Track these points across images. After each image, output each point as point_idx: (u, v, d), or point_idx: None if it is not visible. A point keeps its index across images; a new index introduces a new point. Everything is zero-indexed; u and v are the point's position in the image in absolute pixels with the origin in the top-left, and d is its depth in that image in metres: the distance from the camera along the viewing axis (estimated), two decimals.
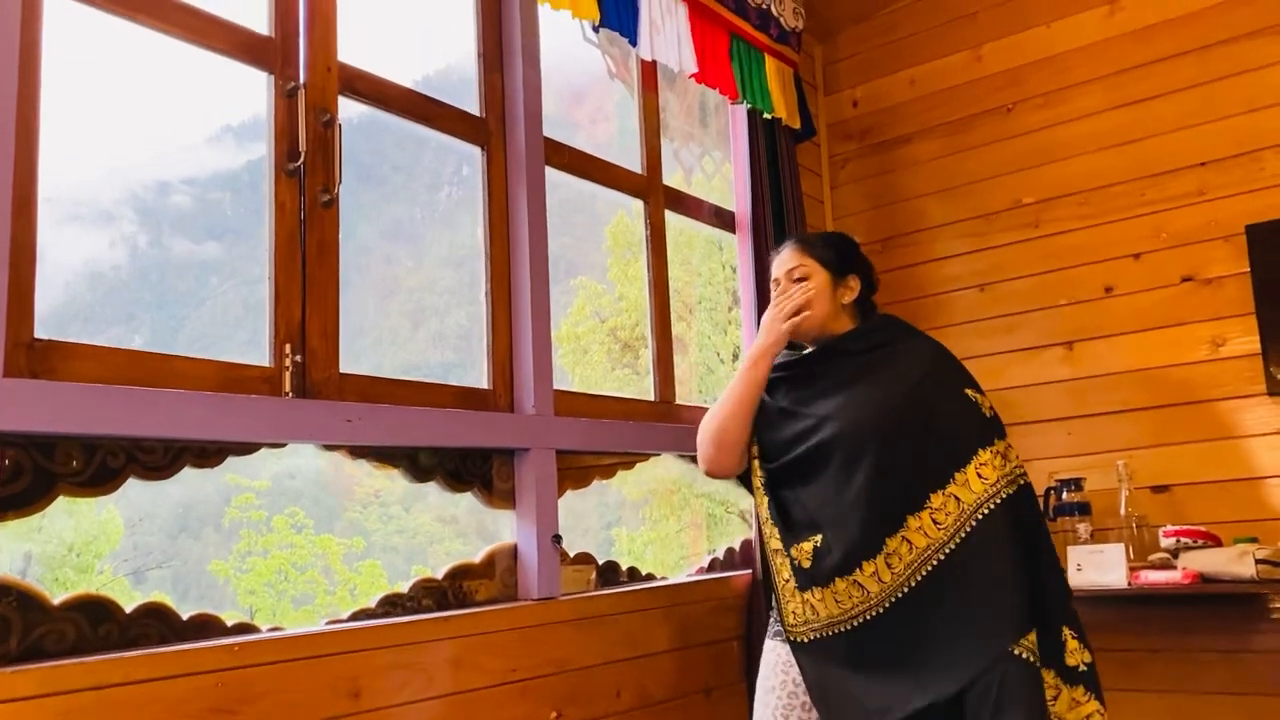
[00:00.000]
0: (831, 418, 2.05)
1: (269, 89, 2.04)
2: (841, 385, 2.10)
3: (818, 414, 2.08)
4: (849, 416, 2.03)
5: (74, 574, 4.51)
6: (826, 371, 2.14)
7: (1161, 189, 3.14)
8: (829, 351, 2.17)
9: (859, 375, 2.10)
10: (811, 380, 2.15)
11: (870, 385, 2.07)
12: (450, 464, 2.28)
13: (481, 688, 2.11)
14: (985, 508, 1.95)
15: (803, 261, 2.19)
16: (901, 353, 2.13)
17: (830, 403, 2.07)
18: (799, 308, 2.13)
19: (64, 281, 2.64)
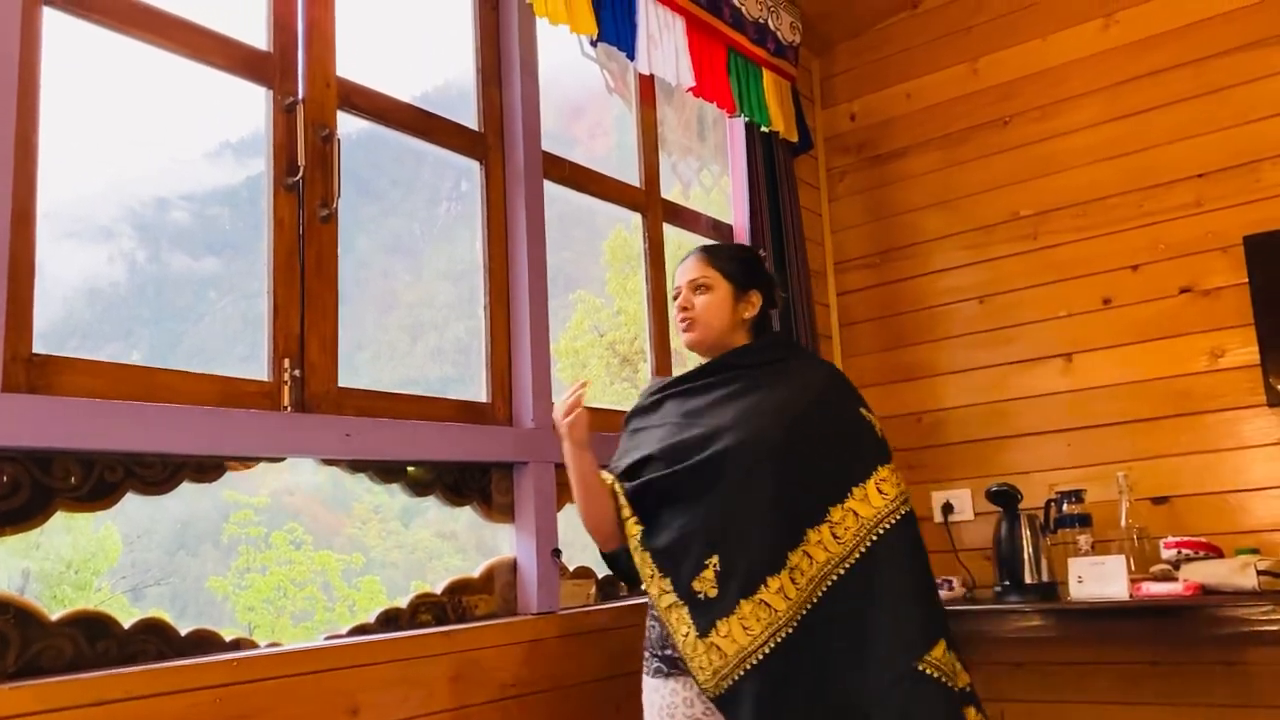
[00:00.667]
0: (728, 429, 1.96)
1: (268, 104, 2.05)
2: (736, 397, 2.03)
3: (712, 425, 1.98)
4: (747, 427, 1.95)
5: (72, 591, 4.50)
6: (720, 384, 2.08)
7: (1159, 200, 3.14)
8: (723, 364, 2.10)
9: (754, 388, 2.04)
10: (706, 391, 2.08)
11: (766, 398, 2.01)
12: (449, 478, 2.28)
13: (481, 703, 2.10)
14: (886, 523, 1.93)
15: (706, 273, 2.11)
16: (795, 369, 2.10)
17: (725, 414, 2.00)
18: (570, 407, 2.00)
19: (62, 297, 2.64)
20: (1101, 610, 2.68)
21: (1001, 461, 3.33)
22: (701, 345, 2.12)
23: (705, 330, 2.10)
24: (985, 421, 3.39)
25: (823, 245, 3.78)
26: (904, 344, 3.59)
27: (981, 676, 3.26)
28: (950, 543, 3.36)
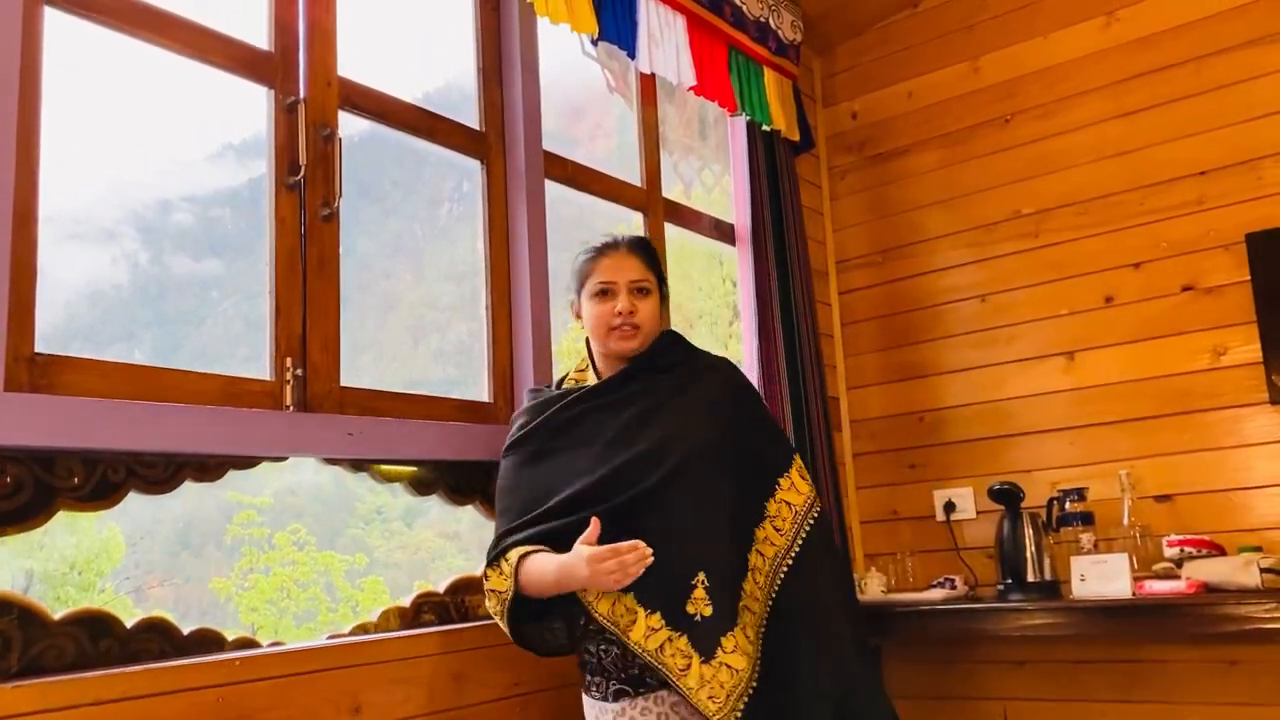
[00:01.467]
0: (673, 440, 1.86)
1: (269, 103, 2.05)
2: (666, 405, 1.92)
3: (656, 438, 1.87)
4: (691, 437, 1.87)
5: (76, 592, 4.50)
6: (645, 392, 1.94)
7: (1160, 198, 3.14)
8: (642, 370, 1.96)
9: (678, 392, 1.94)
10: (633, 402, 1.93)
11: (694, 402, 1.93)
12: (451, 478, 2.28)
13: (484, 702, 2.10)
14: (814, 511, 1.94)
15: (646, 276, 1.96)
16: (705, 368, 2.01)
17: (664, 424, 1.89)
18: (632, 563, 1.67)
19: (65, 300, 2.64)
20: (1104, 608, 2.68)
21: (1004, 460, 3.32)
22: (635, 353, 1.96)
23: (644, 339, 1.95)
24: (987, 420, 3.39)
25: (824, 244, 3.78)
26: (905, 343, 3.59)
27: (984, 675, 3.27)
28: (952, 541, 3.36)
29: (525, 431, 1.98)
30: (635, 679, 1.79)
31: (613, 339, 1.93)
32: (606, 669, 1.82)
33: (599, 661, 1.83)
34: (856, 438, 3.67)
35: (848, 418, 3.68)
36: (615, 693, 1.81)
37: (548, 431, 1.95)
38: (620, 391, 1.95)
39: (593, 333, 1.97)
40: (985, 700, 3.27)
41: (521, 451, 1.97)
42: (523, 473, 1.94)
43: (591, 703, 1.85)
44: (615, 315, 1.91)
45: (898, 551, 3.40)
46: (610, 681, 1.81)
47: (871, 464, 3.62)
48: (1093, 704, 3.09)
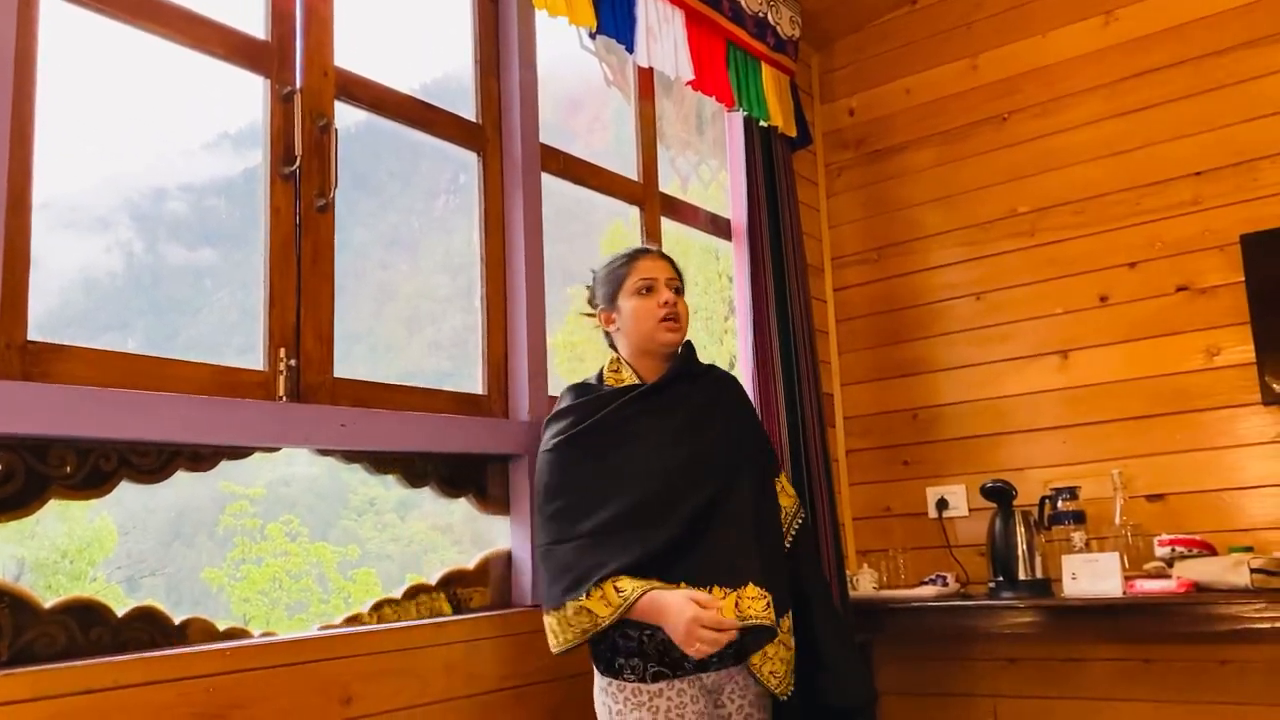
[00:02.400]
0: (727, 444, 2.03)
1: (265, 93, 2.04)
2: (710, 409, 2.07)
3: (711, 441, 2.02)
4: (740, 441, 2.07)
5: (67, 580, 4.49)
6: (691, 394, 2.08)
7: (1156, 198, 3.14)
8: (685, 374, 2.10)
9: (713, 398, 2.10)
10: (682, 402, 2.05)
11: (726, 408, 2.11)
12: (445, 470, 2.28)
13: (475, 694, 2.10)
14: (800, 514, 2.18)
15: (677, 277, 2.11)
16: (722, 379, 2.18)
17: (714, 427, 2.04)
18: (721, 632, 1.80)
19: (59, 288, 2.63)
20: (1095, 607, 2.69)
21: (997, 458, 3.33)
22: (676, 346, 2.09)
23: (684, 333, 2.09)
24: (981, 418, 3.39)
25: (820, 240, 3.78)
26: (900, 340, 3.59)
27: (974, 672, 3.28)
28: (945, 538, 3.37)
29: (579, 429, 2.01)
30: (674, 662, 1.88)
31: (660, 330, 2.04)
32: (647, 652, 1.88)
33: (640, 645, 1.88)
34: (850, 434, 3.67)
35: (841, 414, 3.69)
36: (654, 674, 1.88)
37: (602, 429, 2.01)
38: (670, 393, 2.06)
39: (637, 327, 2.06)
40: (976, 697, 3.28)
41: (574, 449, 2.00)
42: (578, 470, 1.98)
43: (621, 684, 1.90)
44: (661, 306, 2.04)
45: (890, 548, 3.40)
46: (649, 664, 1.88)
47: (864, 460, 3.63)
48: (1083, 702, 3.10)
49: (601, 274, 2.15)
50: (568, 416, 2.05)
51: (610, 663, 1.92)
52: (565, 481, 1.98)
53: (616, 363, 2.12)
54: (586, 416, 2.02)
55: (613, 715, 1.91)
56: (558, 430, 2.04)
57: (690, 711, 1.88)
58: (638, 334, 2.06)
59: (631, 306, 2.06)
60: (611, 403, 2.03)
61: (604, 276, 2.13)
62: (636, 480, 1.94)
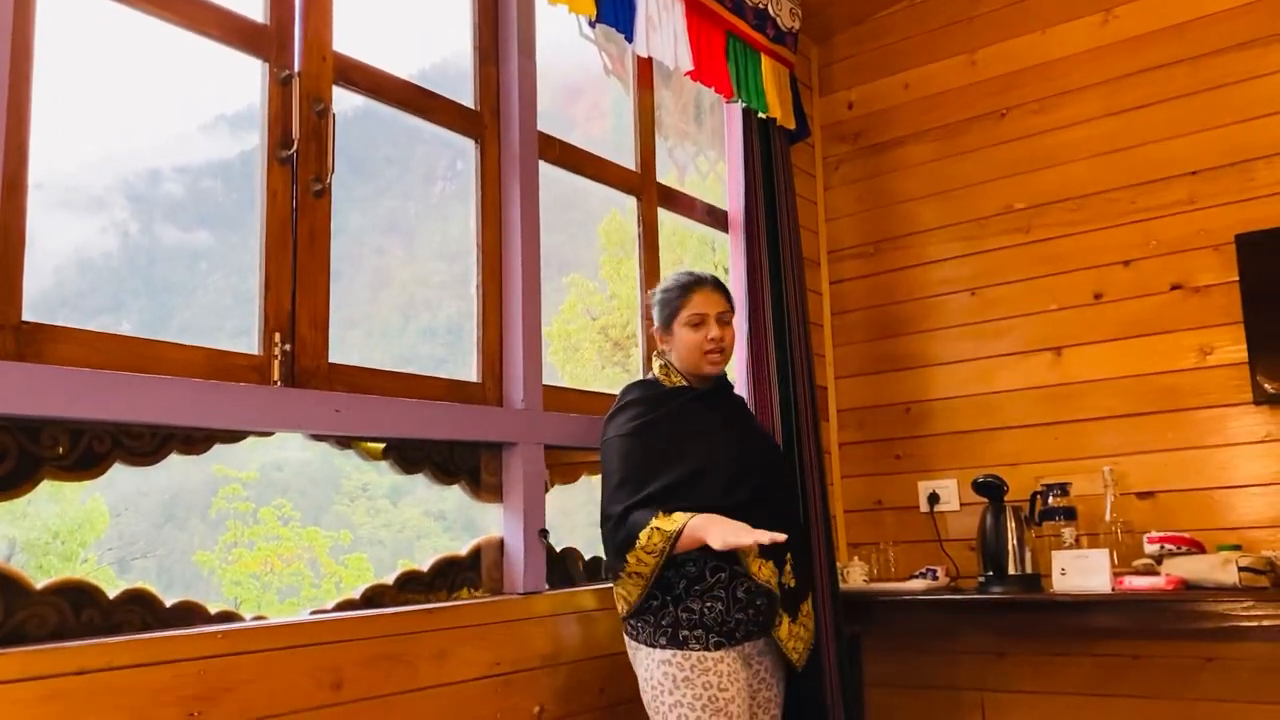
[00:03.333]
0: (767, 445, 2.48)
1: (263, 77, 2.04)
2: (748, 417, 2.52)
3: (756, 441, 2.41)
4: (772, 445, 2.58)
5: (58, 561, 4.49)
6: (735, 404, 2.48)
7: (1152, 197, 3.15)
8: (728, 386, 2.47)
9: (746, 411, 2.53)
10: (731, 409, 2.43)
11: (750, 416, 2.54)
12: (438, 456, 2.28)
13: (465, 680, 2.11)
14: None
15: (728, 308, 2.38)
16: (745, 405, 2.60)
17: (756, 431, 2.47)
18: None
19: (53, 267, 2.63)
20: (1084, 603, 2.70)
21: (989, 453, 3.34)
22: (718, 374, 2.38)
23: (727, 361, 2.37)
24: (973, 413, 3.40)
25: (817, 233, 3.78)
26: (895, 334, 3.60)
27: (963, 666, 3.30)
28: (935, 532, 3.38)
29: (650, 418, 2.28)
30: (729, 632, 2.15)
31: (706, 362, 2.33)
32: (708, 624, 2.14)
33: (700, 618, 2.14)
34: (843, 427, 3.68)
35: (835, 407, 3.70)
36: (715, 643, 2.13)
37: (670, 420, 2.29)
38: (720, 400, 2.41)
39: (686, 355, 2.35)
40: (964, 690, 3.30)
41: (645, 435, 2.26)
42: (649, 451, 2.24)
43: (686, 654, 2.12)
44: (709, 341, 2.32)
45: (880, 541, 3.42)
46: (710, 634, 2.14)
47: (857, 453, 3.64)
48: (1070, 696, 3.12)
49: (659, 298, 2.40)
50: (637, 407, 2.32)
51: (674, 636, 2.13)
52: (639, 460, 2.22)
53: (667, 369, 2.39)
54: (655, 407, 2.30)
55: (678, 683, 2.11)
56: (630, 418, 2.30)
57: (742, 675, 2.16)
58: (687, 361, 2.35)
59: (683, 337, 2.34)
60: (677, 398, 2.33)
61: (661, 300, 2.39)
62: (702, 459, 2.22)
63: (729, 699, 2.10)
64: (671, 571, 2.15)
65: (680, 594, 2.16)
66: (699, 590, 2.16)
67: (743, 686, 2.14)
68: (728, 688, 2.10)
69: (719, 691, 2.10)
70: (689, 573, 2.16)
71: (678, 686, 2.10)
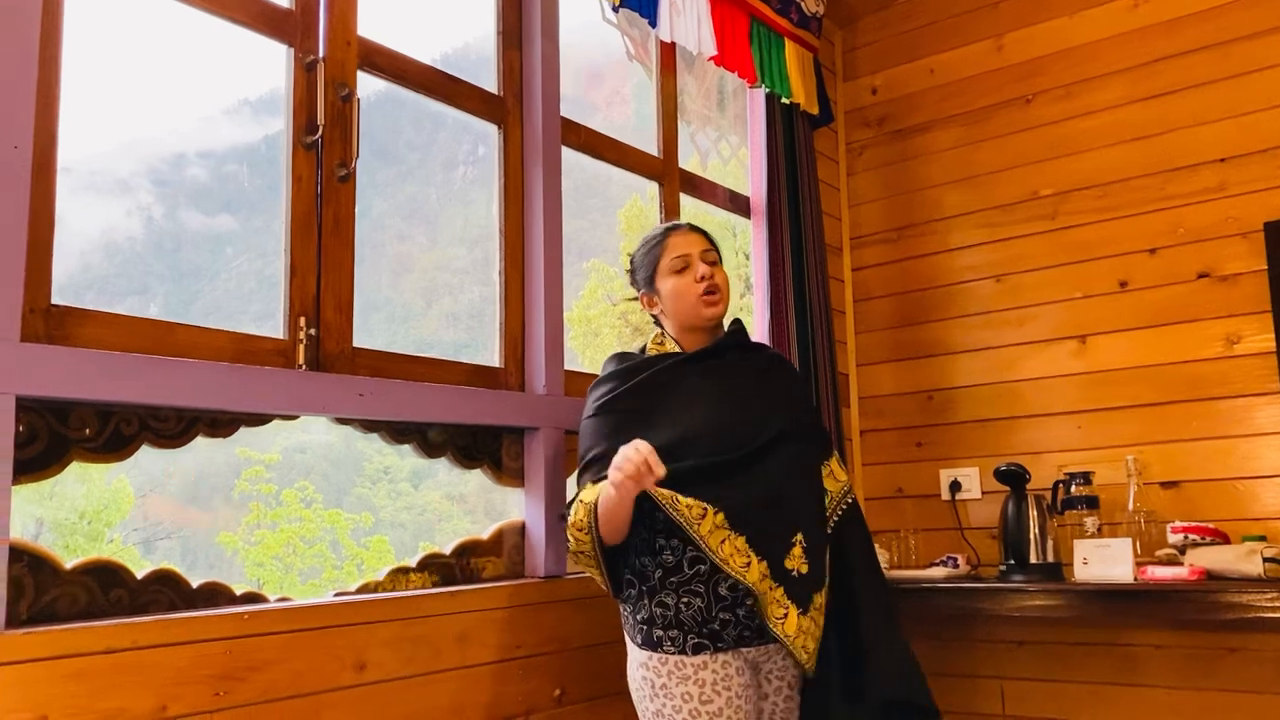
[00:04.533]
0: (774, 410, 2.02)
1: (288, 61, 2.04)
2: (760, 377, 2.08)
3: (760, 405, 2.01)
4: (786, 409, 2.04)
5: (85, 541, 4.55)
6: (741, 361, 2.09)
7: (1180, 184, 3.12)
8: (736, 343, 2.11)
9: (763, 369, 2.11)
10: (732, 369, 2.06)
11: (776, 380, 2.11)
12: (461, 441, 2.29)
13: (487, 663, 2.12)
14: (848, 497, 2.12)
15: (712, 248, 2.10)
16: (776, 358, 2.20)
17: (764, 394, 2.04)
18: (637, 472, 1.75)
19: (80, 250, 2.65)
20: (1105, 592, 2.69)
21: (1011, 441, 3.33)
22: (720, 319, 2.08)
23: (726, 304, 2.08)
24: (996, 401, 3.39)
25: (840, 219, 3.76)
26: (917, 321, 3.58)
27: (982, 654, 3.29)
28: (957, 520, 3.37)
29: (619, 392, 2.03)
30: (714, 633, 1.87)
31: (701, 306, 2.04)
32: (684, 622, 1.87)
33: (676, 615, 1.88)
34: (864, 414, 3.67)
35: (856, 394, 3.69)
36: (694, 646, 1.87)
37: (643, 390, 2.01)
38: (718, 359, 2.06)
39: (679, 304, 2.06)
40: (983, 679, 3.30)
41: (613, 411, 2.00)
42: (616, 427, 1.96)
43: (663, 657, 1.88)
44: (698, 281, 2.03)
45: (901, 529, 3.41)
46: (688, 635, 1.87)
47: (878, 441, 3.63)
48: (1090, 686, 3.11)
49: (637, 257, 2.15)
50: (609, 382, 2.07)
51: (649, 635, 1.91)
52: (602, 439, 1.98)
53: (661, 336, 2.13)
54: (624, 382, 2.04)
55: (656, 690, 1.88)
56: (598, 395, 2.06)
57: (736, 683, 1.88)
58: (680, 313, 2.07)
59: (670, 286, 2.07)
60: (653, 365, 2.05)
61: (640, 259, 2.13)
62: (678, 431, 1.93)
63: (714, 712, 1.83)
64: (648, 558, 1.92)
65: (655, 585, 1.91)
66: (674, 583, 1.88)
67: (735, 696, 1.86)
68: (712, 699, 1.84)
69: (700, 704, 1.84)
70: (665, 561, 1.90)
71: (656, 694, 1.87)
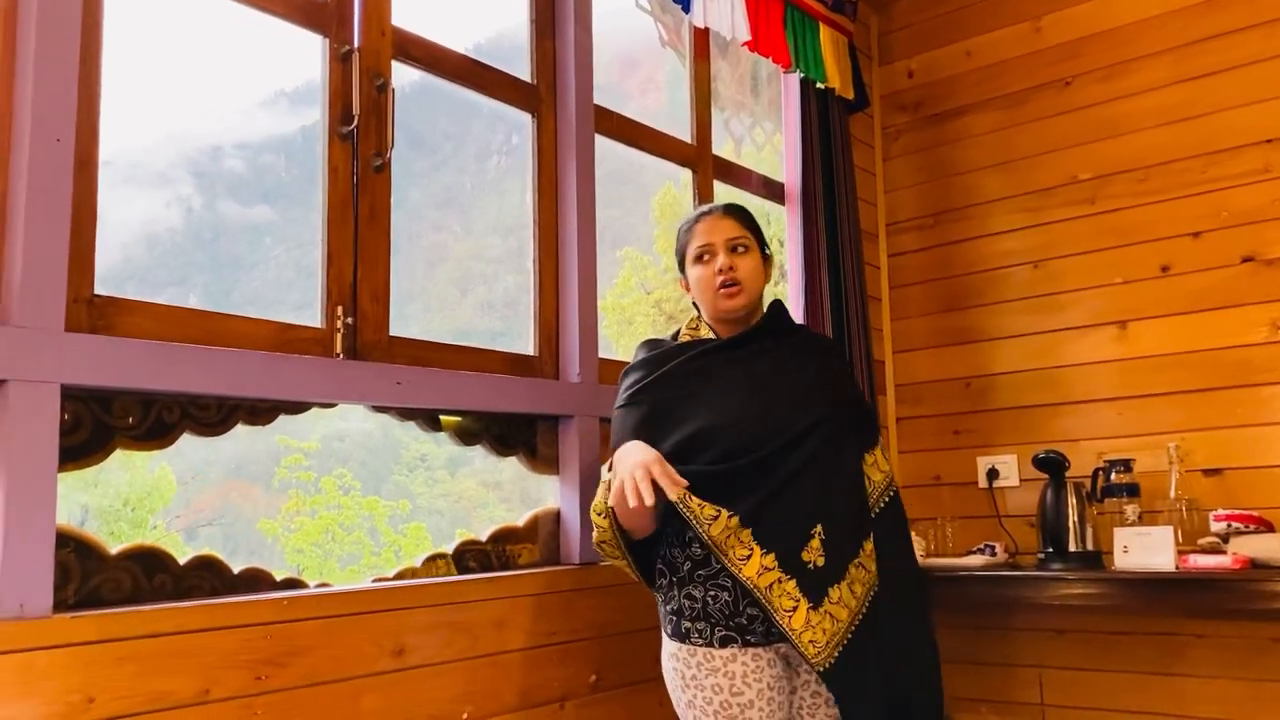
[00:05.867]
0: (806, 400, 1.95)
1: (323, 52, 2.06)
2: (794, 366, 2.01)
3: (791, 395, 1.95)
4: (822, 400, 1.97)
5: (129, 528, 4.63)
6: (774, 349, 2.02)
7: (1224, 166, 3.06)
8: (770, 330, 2.04)
9: (801, 356, 2.04)
10: (762, 357, 2.00)
11: (818, 368, 2.04)
12: (496, 429, 2.30)
13: (523, 649, 2.14)
14: (890, 489, 2.06)
15: (742, 233, 2.01)
16: (816, 340, 2.15)
17: (797, 383, 1.98)
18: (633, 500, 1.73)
19: (122, 243, 2.69)
20: (1146, 581, 2.66)
21: (1050, 429, 3.29)
22: (743, 311, 2.01)
23: (749, 296, 2.00)
24: (1035, 388, 3.35)
25: (875, 205, 3.73)
26: (955, 308, 3.55)
27: (1020, 643, 3.27)
28: (994, 508, 3.34)
29: (646, 382, 1.98)
30: (742, 627, 1.85)
31: (719, 298, 1.98)
32: (711, 615, 1.85)
33: (704, 607, 1.86)
34: (901, 402, 3.65)
35: (892, 381, 3.66)
36: (722, 639, 1.85)
37: (672, 381, 1.97)
38: (753, 345, 2.01)
39: (700, 296, 2.02)
40: (1021, 667, 3.27)
41: (643, 403, 1.96)
42: (645, 419, 1.93)
43: (691, 649, 1.87)
44: (716, 274, 1.97)
45: (938, 516, 3.39)
46: (715, 628, 1.85)
47: (915, 429, 3.61)
48: (1130, 675, 3.08)
49: (676, 243, 2.10)
50: (639, 371, 2.02)
51: (678, 626, 1.89)
52: (626, 428, 1.94)
53: (696, 321, 2.08)
54: (654, 369, 1.99)
55: (686, 681, 1.88)
56: (628, 385, 2.02)
57: (768, 676, 1.86)
58: (704, 303, 2.03)
59: (694, 276, 2.02)
60: (682, 355, 2.00)
61: (677, 246, 2.09)
62: (703, 421, 1.89)
63: (745, 704, 1.82)
64: (678, 550, 1.90)
65: (684, 576, 1.89)
66: (702, 576, 1.86)
67: (767, 689, 1.85)
68: (742, 690, 1.83)
69: (731, 696, 1.83)
70: (694, 554, 1.87)
71: (687, 685, 1.87)
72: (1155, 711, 3.03)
